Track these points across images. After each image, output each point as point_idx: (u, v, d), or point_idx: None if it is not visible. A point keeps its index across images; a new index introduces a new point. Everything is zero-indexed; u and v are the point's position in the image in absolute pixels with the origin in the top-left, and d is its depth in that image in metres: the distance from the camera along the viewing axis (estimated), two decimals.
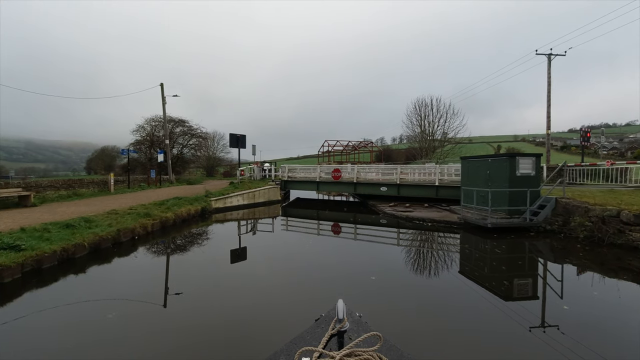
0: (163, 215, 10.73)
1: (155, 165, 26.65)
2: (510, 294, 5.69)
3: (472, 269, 7.23)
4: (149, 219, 10.02)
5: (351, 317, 1.99)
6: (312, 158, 74.85)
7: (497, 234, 9.82)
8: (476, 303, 5.27)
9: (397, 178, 18.20)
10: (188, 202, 13.53)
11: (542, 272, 7.10)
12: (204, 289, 5.86)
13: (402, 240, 10.31)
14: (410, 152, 53.90)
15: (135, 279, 6.44)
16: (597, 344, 3.95)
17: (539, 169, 11.39)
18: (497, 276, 6.63)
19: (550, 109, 25.32)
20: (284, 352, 1.76)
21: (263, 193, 18.63)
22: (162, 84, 23.88)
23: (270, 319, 4.62)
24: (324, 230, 12.28)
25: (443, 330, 4.43)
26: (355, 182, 19.54)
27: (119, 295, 5.48)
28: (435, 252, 9.16)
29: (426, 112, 34.43)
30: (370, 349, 1.53)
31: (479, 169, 12.23)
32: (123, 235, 8.50)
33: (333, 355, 1.48)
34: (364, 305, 4.99)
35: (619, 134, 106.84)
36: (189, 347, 3.82)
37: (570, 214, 9.56)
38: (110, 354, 3.80)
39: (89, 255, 7.39)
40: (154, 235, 9.84)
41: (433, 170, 18.93)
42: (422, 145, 35.56)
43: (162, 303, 5.23)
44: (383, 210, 14.89)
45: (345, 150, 45.76)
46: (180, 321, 4.56)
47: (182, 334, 4.16)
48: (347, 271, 7.14)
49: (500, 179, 11.09)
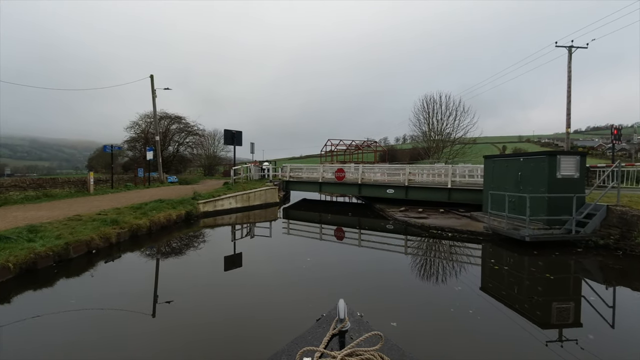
0: (134, 223, 9.02)
1: (144, 164, 24.95)
2: (545, 318, 4.76)
3: (497, 286, 6.23)
4: (115, 228, 8.32)
5: (352, 316, 1.96)
6: (314, 158, 73.16)
7: (537, 249, 8.06)
8: (494, 319, 4.69)
9: (405, 179, 16.47)
10: (170, 205, 11.83)
11: (591, 297, 5.58)
12: (198, 291, 5.69)
13: (416, 250, 8.57)
14: (415, 152, 52.12)
15: (66, 323, 4.73)
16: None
17: (585, 171, 9.60)
18: (529, 297, 5.52)
19: (571, 106, 23.47)
20: (285, 352, 1.75)
21: (259, 195, 16.92)
22: (152, 75, 22.23)
23: (270, 319, 4.56)
24: (326, 235, 10.62)
25: (447, 331, 4.30)
26: (360, 183, 17.84)
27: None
28: (452, 263, 7.60)
29: (435, 110, 32.62)
30: (371, 349, 1.52)
31: (508, 170, 10.46)
32: (74, 249, 6.79)
33: (334, 355, 1.47)
34: (365, 305, 4.90)
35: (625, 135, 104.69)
36: (190, 347, 3.78)
37: (629, 225, 7.78)
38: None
39: (14, 281, 5.63)
40: (120, 247, 8.14)
41: (444, 171, 17.23)
42: (429, 144, 33.74)
43: (151, 312, 4.81)
44: (393, 216, 13.14)
45: (348, 150, 43.99)
46: (180, 322, 4.49)
47: (182, 334, 4.13)
48: (357, 286, 6.09)
49: (535, 182, 9.32)
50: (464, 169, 18.85)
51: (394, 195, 16.61)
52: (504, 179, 10.62)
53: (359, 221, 14.15)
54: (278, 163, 35.30)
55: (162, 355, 3.73)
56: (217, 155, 49.61)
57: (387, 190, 17.00)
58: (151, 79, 22.23)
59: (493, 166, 11.25)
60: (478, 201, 13.45)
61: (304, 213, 17.21)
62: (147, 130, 35.76)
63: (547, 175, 8.93)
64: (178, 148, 39.07)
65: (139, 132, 36.16)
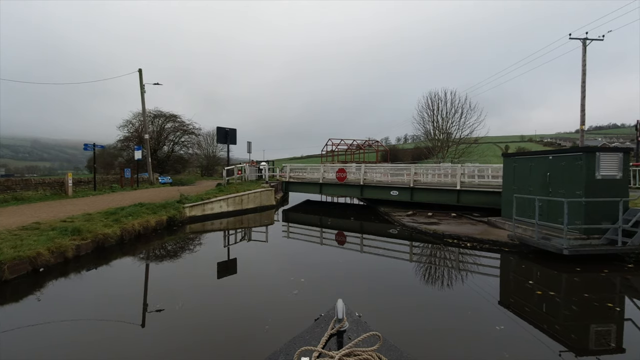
0: (100, 232, 7.72)
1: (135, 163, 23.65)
2: (581, 342, 4.19)
3: (520, 302, 5.45)
4: (74, 239, 7.02)
5: (350, 317, 1.92)
6: (315, 158, 71.90)
7: (576, 263, 6.76)
8: (515, 338, 4.15)
9: (410, 180, 15.18)
10: (151, 210, 10.54)
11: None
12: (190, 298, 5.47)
13: (427, 259, 7.28)
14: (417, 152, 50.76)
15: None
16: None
17: (628, 170, 8.28)
18: (559, 316, 4.85)
19: (585, 101, 22.11)
20: (283, 351, 1.72)
21: (253, 197, 15.63)
22: (141, 69, 20.93)
23: (269, 319, 4.43)
24: (327, 239, 9.33)
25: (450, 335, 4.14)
26: (362, 184, 16.55)
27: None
28: (467, 273, 6.46)
29: (440, 107, 31.29)
30: (369, 349, 1.50)
31: (533, 170, 9.15)
32: (11, 269, 5.46)
33: (332, 355, 1.46)
34: (364, 305, 4.86)
35: (629, 134, 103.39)
36: (189, 347, 3.73)
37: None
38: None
39: None
40: (78, 262, 6.84)
41: (451, 171, 15.94)
42: (434, 143, 32.39)
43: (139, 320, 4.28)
44: (400, 221, 11.82)
45: (349, 150, 42.64)
46: (179, 322, 4.37)
47: (181, 334, 4.07)
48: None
49: (568, 184, 8.00)
50: (473, 168, 17.57)
51: (398, 198, 15.36)
52: (528, 180, 9.32)
53: (361, 225, 12.90)
54: (279, 163, 33.99)
55: (162, 355, 3.69)
56: (217, 156, 48.27)
57: (391, 191, 15.74)
58: (139, 73, 20.89)
59: (514, 166, 9.94)
60: (490, 204, 12.31)
61: (304, 216, 16.04)
62: (141, 129, 34.52)
63: (585, 175, 7.60)
64: (173, 148, 37.75)
65: (133, 131, 34.86)
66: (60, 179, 14.88)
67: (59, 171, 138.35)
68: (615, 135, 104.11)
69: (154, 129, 35.26)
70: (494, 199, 12.27)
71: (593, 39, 22.06)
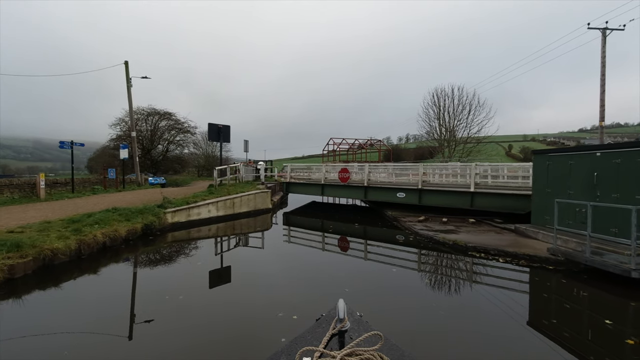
0: (47, 247, 6.25)
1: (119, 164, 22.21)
2: None
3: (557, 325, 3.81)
4: (10, 256, 5.56)
5: (352, 316, 1.91)
6: (317, 157, 70.44)
7: None
8: None
9: (418, 181, 13.73)
10: (124, 216, 9.08)
11: None
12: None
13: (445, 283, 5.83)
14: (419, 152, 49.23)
15: None
16: None
17: None
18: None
19: (605, 96, 20.60)
20: (284, 351, 1.71)
21: (247, 200, 14.17)
22: (127, 61, 19.49)
23: (270, 319, 4.39)
24: (329, 244, 7.85)
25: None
26: (367, 185, 15.11)
27: None
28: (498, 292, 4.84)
29: (446, 103, 29.78)
30: (371, 349, 1.49)
31: (574, 169, 7.68)
32: None
33: (334, 355, 1.44)
34: (365, 305, 4.72)
35: (633, 133, 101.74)
36: (190, 347, 3.66)
37: None
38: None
39: None
40: (11, 286, 5.39)
41: (460, 171, 14.49)
42: (440, 141, 30.88)
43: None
44: (412, 228, 10.34)
45: (351, 149, 41.14)
46: (178, 323, 4.31)
47: (181, 334, 3.97)
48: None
49: (624, 186, 6.54)
50: (487, 168, 16.09)
51: (405, 200, 13.94)
52: (567, 181, 7.85)
53: (364, 230, 11.44)
54: (280, 163, 32.50)
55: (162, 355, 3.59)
56: (216, 155, 46.86)
57: (398, 193, 14.33)
58: (125, 65, 19.45)
59: (548, 164, 8.46)
60: (508, 209, 11.04)
61: (306, 220, 14.69)
62: (135, 127, 33.13)
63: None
64: (168, 146, 36.35)
65: (125, 130, 33.50)
66: (31, 180, 13.46)
67: (61, 171, 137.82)
68: (620, 135, 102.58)
69: (147, 127, 33.87)
70: (514, 202, 10.88)
71: (613, 29, 20.57)
